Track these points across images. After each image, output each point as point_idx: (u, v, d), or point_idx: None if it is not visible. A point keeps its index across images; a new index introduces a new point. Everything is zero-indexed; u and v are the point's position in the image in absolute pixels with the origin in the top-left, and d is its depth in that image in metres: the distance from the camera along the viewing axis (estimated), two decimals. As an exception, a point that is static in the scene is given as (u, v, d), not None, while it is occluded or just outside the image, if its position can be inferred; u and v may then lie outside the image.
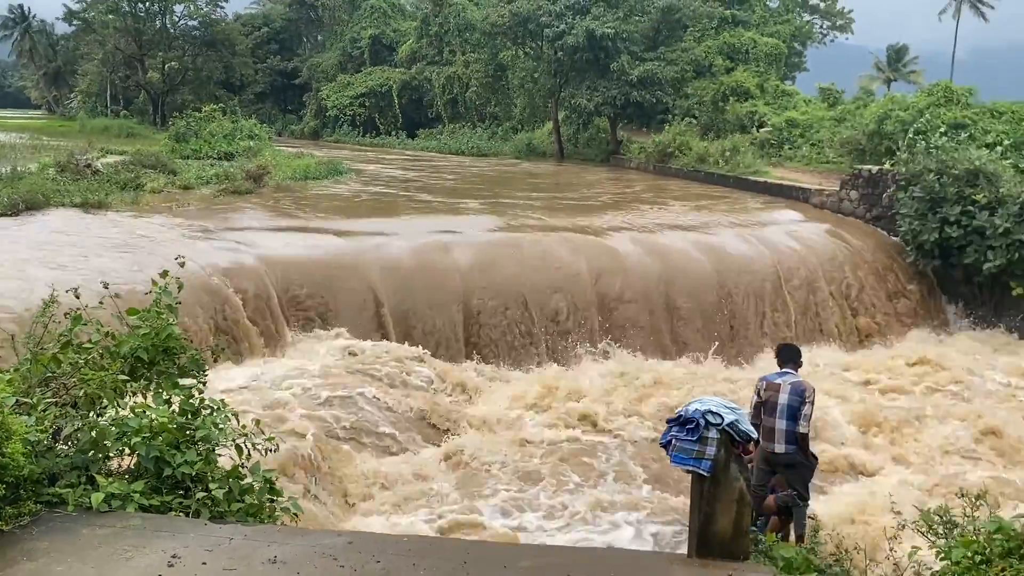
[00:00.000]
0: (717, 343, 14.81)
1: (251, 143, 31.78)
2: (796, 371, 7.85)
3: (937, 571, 4.59)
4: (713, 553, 4.27)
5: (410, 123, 54.77)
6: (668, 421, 4.47)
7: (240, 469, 4.54)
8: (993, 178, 17.14)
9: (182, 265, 5.63)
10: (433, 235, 15.97)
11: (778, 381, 7.67)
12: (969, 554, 4.32)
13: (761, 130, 31.98)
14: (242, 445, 4.61)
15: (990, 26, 66.63)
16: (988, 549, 4.26)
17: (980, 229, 16.77)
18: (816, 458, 8.01)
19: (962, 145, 19.77)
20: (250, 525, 4.17)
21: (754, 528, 6.05)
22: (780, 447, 7.56)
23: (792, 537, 7.49)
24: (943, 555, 4.50)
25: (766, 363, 14.21)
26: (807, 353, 9.72)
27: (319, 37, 69.39)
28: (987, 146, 20.70)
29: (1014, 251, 16.28)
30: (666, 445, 4.41)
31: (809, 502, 7.83)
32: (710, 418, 4.32)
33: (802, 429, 7.53)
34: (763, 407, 7.62)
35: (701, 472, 4.33)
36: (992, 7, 59.74)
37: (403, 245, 14.99)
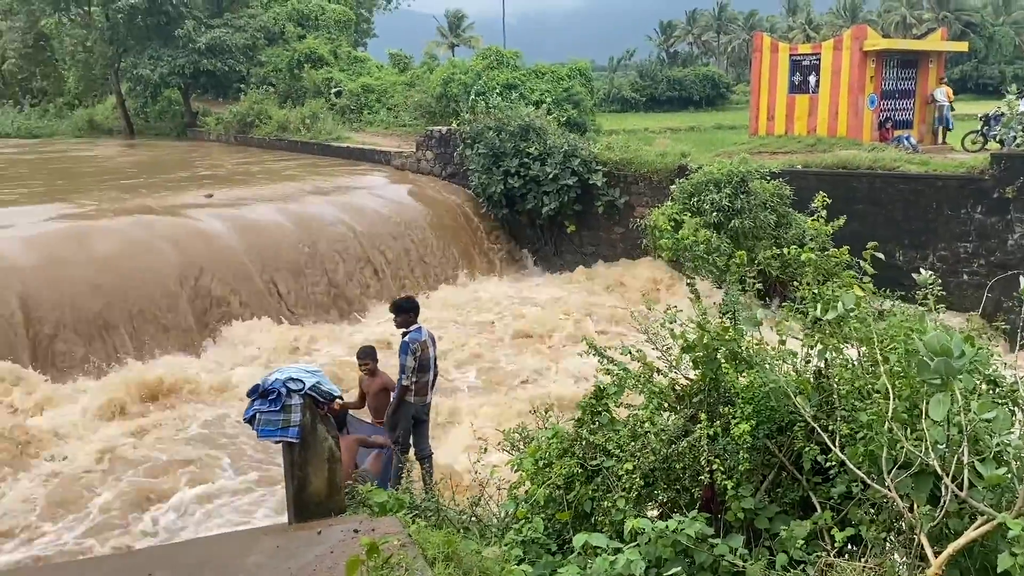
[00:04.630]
0: (321, 309, 14.95)
1: None
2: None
3: (514, 482, 5.16)
4: (311, 515, 4.37)
5: (-71, 103, 46.00)
6: (248, 395, 4.43)
7: None
8: (541, 132, 19.43)
9: None
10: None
11: (424, 338, 7.72)
12: (535, 460, 4.94)
13: (339, 97, 32.38)
14: None
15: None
16: (548, 453, 4.90)
17: (536, 178, 18.94)
18: None
19: (514, 104, 22.01)
20: None
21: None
22: (432, 397, 7.89)
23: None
24: (516, 467, 5.09)
25: (369, 320, 14.88)
26: None
27: None
28: (535, 104, 23.29)
29: (563, 195, 18.72)
30: (250, 420, 4.38)
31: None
32: (291, 385, 4.38)
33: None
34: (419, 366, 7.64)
35: (290, 440, 4.39)
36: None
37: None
